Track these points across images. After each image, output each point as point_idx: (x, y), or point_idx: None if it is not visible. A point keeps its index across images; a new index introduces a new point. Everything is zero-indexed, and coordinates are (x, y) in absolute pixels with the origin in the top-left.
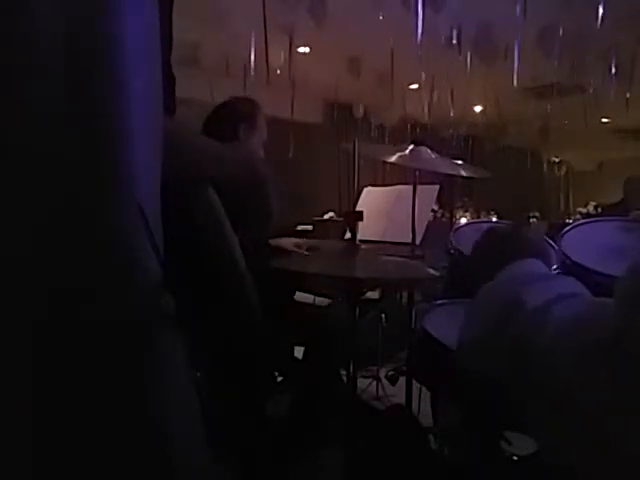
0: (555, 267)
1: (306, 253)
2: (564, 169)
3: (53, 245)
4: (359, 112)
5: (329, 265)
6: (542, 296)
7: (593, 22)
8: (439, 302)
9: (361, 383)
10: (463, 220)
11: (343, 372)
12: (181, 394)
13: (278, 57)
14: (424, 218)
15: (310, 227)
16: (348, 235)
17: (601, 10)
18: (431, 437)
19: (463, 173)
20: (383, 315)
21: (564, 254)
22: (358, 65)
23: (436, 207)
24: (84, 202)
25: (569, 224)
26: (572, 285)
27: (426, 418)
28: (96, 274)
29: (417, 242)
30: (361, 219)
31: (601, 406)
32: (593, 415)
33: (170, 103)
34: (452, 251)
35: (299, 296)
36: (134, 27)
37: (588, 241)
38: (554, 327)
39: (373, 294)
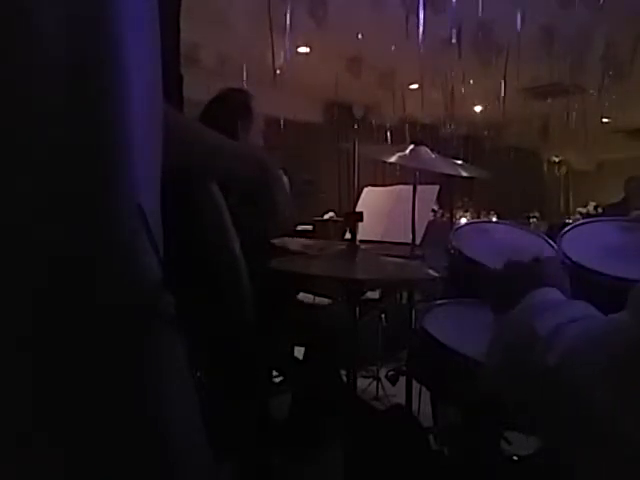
0: None
1: (315, 253)
2: (564, 169)
3: (52, 245)
4: (359, 112)
5: (329, 266)
6: (553, 321)
7: (593, 22)
8: (439, 302)
9: (361, 383)
10: (463, 220)
11: (343, 372)
12: (181, 393)
13: (278, 57)
14: (424, 218)
15: (310, 227)
16: (348, 235)
17: (601, 10)
18: (431, 437)
19: (463, 173)
20: (383, 315)
21: (564, 254)
22: (358, 65)
23: (436, 207)
24: (83, 202)
25: (569, 224)
26: (582, 309)
27: (426, 418)
28: (95, 274)
29: (417, 242)
30: (361, 220)
31: (616, 419)
32: (609, 428)
33: (178, 100)
34: (452, 251)
35: (299, 296)
36: (134, 27)
37: (588, 241)
38: (564, 347)
39: (373, 294)
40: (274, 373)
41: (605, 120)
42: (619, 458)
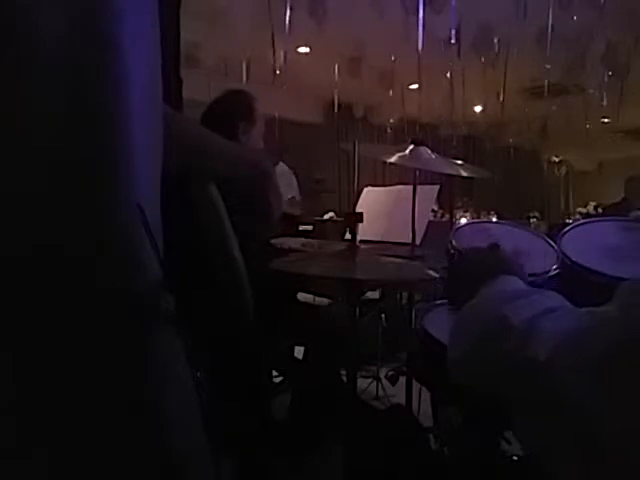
0: (555, 267)
1: (315, 251)
2: (564, 169)
3: (52, 245)
4: (359, 112)
5: (329, 266)
6: (527, 311)
7: (593, 22)
8: (439, 302)
9: (361, 383)
10: (463, 220)
11: (343, 372)
12: (180, 394)
13: (278, 57)
14: (424, 218)
15: (310, 227)
16: (348, 235)
17: (600, 10)
18: (431, 437)
19: (463, 173)
20: (383, 315)
21: (564, 254)
22: (358, 65)
23: (436, 207)
24: (84, 202)
25: (569, 224)
26: (554, 299)
27: (426, 418)
28: (95, 274)
29: (417, 242)
30: (361, 220)
31: (598, 417)
32: (590, 426)
33: (178, 103)
34: (452, 251)
35: (299, 296)
36: (134, 27)
37: (588, 241)
38: (548, 341)
39: (373, 294)
40: (274, 373)
41: (605, 120)
42: (608, 458)
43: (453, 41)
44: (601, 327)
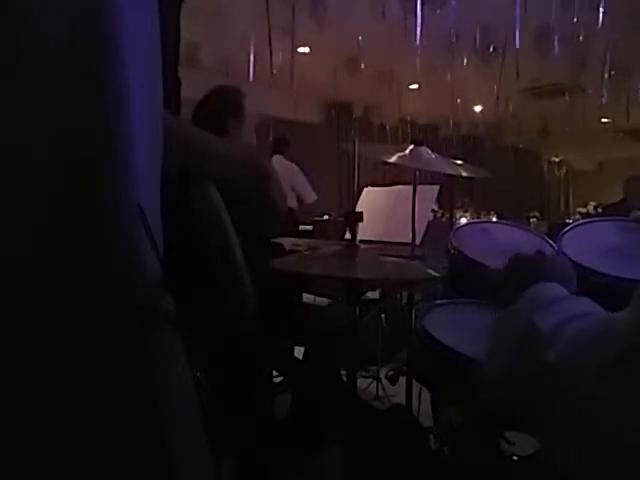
0: None
1: (305, 252)
2: (564, 169)
3: (52, 245)
4: (359, 112)
5: (329, 266)
6: (555, 318)
7: (593, 22)
8: (439, 302)
9: (361, 383)
10: (463, 220)
11: (343, 372)
12: (180, 394)
13: (278, 57)
14: (424, 218)
15: (310, 227)
16: (348, 235)
17: (601, 10)
18: (431, 437)
19: (463, 173)
20: (383, 315)
21: (564, 254)
22: (358, 65)
23: (436, 207)
24: (84, 202)
25: (569, 224)
26: (586, 305)
27: (426, 418)
28: (96, 274)
29: (417, 242)
30: (361, 220)
31: (615, 421)
32: (607, 429)
33: (176, 105)
34: (452, 251)
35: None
36: (134, 27)
37: (588, 241)
38: (564, 342)
39: (373, 294)
40: (274, 373)
41: (605, 120)
42: (620, 457)
43: (453, 41)
44: (616, 330)
